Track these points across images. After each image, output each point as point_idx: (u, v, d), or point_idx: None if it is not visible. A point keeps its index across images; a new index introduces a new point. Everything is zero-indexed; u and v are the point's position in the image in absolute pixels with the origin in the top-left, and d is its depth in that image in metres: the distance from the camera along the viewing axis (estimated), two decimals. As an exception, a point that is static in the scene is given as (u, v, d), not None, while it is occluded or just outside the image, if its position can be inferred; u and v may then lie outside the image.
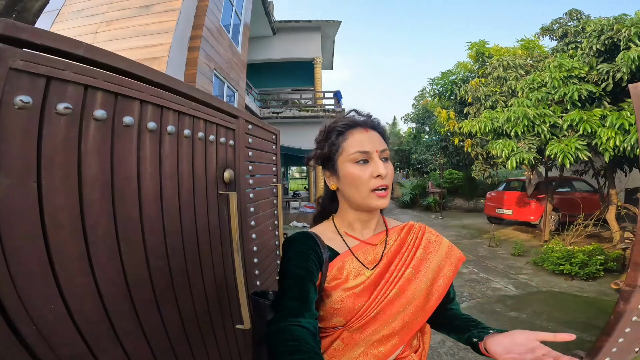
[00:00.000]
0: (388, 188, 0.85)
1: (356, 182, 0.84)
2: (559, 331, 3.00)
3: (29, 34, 0.64)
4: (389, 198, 0.86)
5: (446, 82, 9.26)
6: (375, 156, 0.84)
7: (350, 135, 0.87)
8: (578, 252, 5.17)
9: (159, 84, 1.01)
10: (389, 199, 0.86)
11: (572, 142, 5.10)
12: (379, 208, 0.86)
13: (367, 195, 0.84)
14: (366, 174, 0.83)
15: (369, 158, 0.84)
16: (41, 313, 0.70)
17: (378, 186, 0.83)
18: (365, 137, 0.86)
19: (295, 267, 0.82)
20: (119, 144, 0.87)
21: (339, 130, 0.88)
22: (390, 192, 0.87)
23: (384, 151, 0.87)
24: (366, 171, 0.83)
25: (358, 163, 0.84)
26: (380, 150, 0.86)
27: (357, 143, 0.85)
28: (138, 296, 0.96)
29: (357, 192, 0.85)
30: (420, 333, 0.97)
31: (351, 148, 0.85)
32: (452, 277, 0.92)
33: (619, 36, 4.93)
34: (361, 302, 0.83)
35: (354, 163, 0.85)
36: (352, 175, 0.85)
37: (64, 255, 0.75)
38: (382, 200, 0.84)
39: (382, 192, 0.84)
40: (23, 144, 0.65)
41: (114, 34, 5.58)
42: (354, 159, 0.85)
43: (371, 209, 0.88)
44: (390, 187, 0.87)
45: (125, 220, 0.90)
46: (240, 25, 9.02)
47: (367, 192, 0.84)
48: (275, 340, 0.71)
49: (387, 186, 0.84)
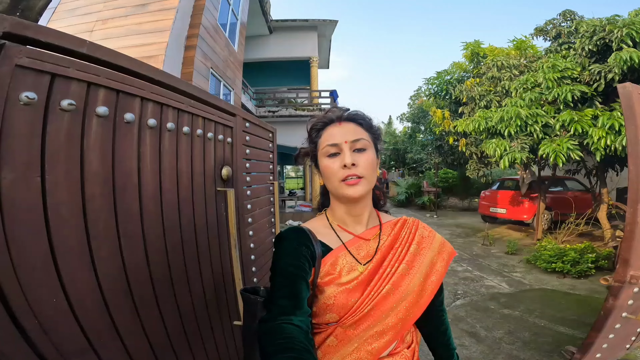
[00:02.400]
0: (362, 177, 0.85)
1: (328, 173, 0.87)
2: (552, 328, 3.05)
3: (34, 31, 0.65)
4: (362, 187, 0.85)
5: (441, 82, 9.32)
6: (345, 147, 0.85)
7: (325, 132, 0.90)
8: (570, 250, 5.25)
9: (160, 82, 1.03)
10: (362, 188, 0.85)
11: (564, 142, 5.17)
12: (350, 197, 0.85)
13: (338, 185, 0.85)
14: (336, 165, 0.85)
15: (339, 150, 0.86)
16: (43, 307, 0.71)
17: (346, 176, 0.84)
18: (337, 130, 0.88)
19: (287, 264, 0.82)
20: (120, 140, 0.88)
21: (317, 128, 0.92)
22: (367, 182, 0.86)
23: (356, 141, 0.86)
24: (336, 163, 0.85)
25: (330, 156, 0.87)
26: (351, 140, 0.86)
27: (329, 137, 0.88)
28: (138, 291, 0.97)
29: (330, 183, 0.87)
30: (413, 328, 0.98)
31: (324, 142, 0.88)
32: (444, 272, 0.93)
33: (611, 37, 5.00)
34: (354, 298, 0.83)
35: (327, 156, 0.87)
36: (325, 168, 0.88)
37: (66, 250, 0.76)
38: (351, 189, 0.84)
39: (351, 180, 0.84)
40: (28, 139, 0.66)
41: (109, 33, 5.55)
42: (326, 153, 0.87)
43: (345, 200, 0.89)
44: (370, 177, 0.87)
45: (126, 215, 0.92)
46: (237, 24, 9.00)
47: (337, 182, 0.85)
48: (266, 338, 0.71)
49: (355, 175, 0.84)
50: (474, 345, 3.09)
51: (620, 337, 2.17)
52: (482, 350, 2.98)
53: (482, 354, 2.94)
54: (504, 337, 3.18)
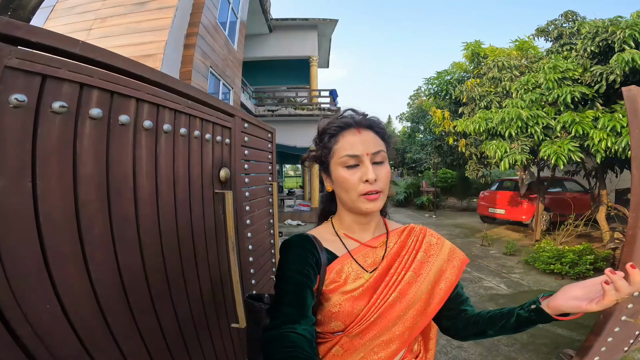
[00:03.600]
0: (381, 192, 0.82)
1: (346, 185, 0.82)
2: (550, 330, 3.02)
3: (25, 31, 0.63)
4: (381, 201, 0.83)
5: (441, 82, 9.31)
6: (366, 159, 0.81)
7: (342, 138, 0.84)
8: (568, 251, 5.24)
9: (156, 82, 1.00)
10: (381, 202, 0.83)
11: (565, 143, 5.16)
12: (369, 212, 0.83)
13: (357, 199, 0.82)
14: (355, 179, 0.81)
15: (359, 162, 0.82)
16: (37, 313, 0.70)
17: (367, 191, 0.80)
18: (357, 140, 0.83)
19: (292, 272, 0.81)
20: (115, 142, 0.86)
21: (331, 133, 0.86)
22: (384, 195, 0.84)
23: (377, 153, 0.83)
24: (355, 175, 0.81)
25: (348, 167, 0.82)
26: (373, 152, 0.82)
27: (348, 146, 0.83)
28: (134, 296, 0.95)
29: (347, 195, 0.83)
30: (421, 337, 0.96)
31: (342, 151, 0.83)
32: (455, 280, 0.90)
33: (614, 38, 4.98)
34: (360, 306, 0.82)
35: (344, 167, 0.83)
36: (342, 179, 0.83)
37: (60, 255, 0.74)
38: (371, 204, 0.81)
39: (372, 195, 0.81)
40: (18, 143, 0.64)
41: (107, 31, 5.52)
42: (343, 163, 0.82)
43: (362, 213, 0.86)
44: (386, 190, 0.84)
45: (121, 220, 0.90)
46: (236, 23, 8.96)
47: (356, 196, 0.82)
48: (271, 347, 0.70)
49: (376, 190, 0.81)
50: (472, 347, 3.08)
51: (618, 340, 2.16)
52: (480, 352, 2.98)
53: (480, 355, 2.93)
54: (502, 339, 3.17)
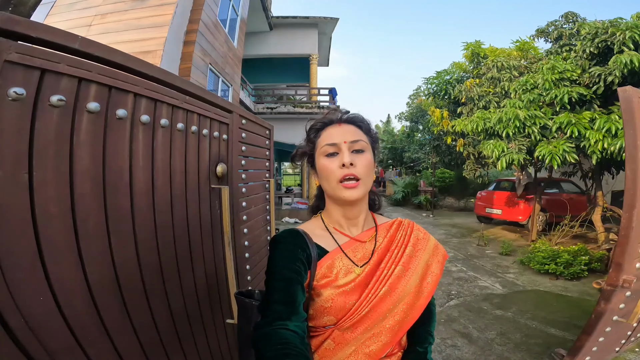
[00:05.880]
0: (360, 179, 0.84)
1: (325, 173, 0.86)
2: (543, 330, 3.07)
3: (25, 26, 0.64)
4: (360, 190, 0.84)
5: (441, 82, 9.31)
6: (344, 147, 0.85)
7: (324, 132, 0.90)
8: (563, 252, 5.27)
9: (154, 78, 1.01)
10: (360, 191, 0.84)
11: (561, 144, 5.18)
12: (348, 200, 0.85)
13: (336, 186, 0.84)
14: (334, 165, 0.84)
15: (337, 150, 0.85)
16: (30, 306, 0.70)
17: (344, 176, 0.83)
18: (336, 131, 0.88)
19: (282, 268, 0.81)
20: (112, 136, 0.87)
21: (316, 128, 0.92)
22: (364, 185, 0.86)
23: (355, 142, 0.86)
24: (334, 162, 0.85)
25: (328, 156, 0.86)
26: (351, 140, 0.86)
27: (328, 137, 0.88)
28: (128, 290, 0.96)
29: (328, 183, 0.86)
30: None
31: (322, 142, 0.88)
32: (439, 274, 0.93)
33: (613, 39, 4.97)
34: (352, 300, 0.82)
35: (325, 156, 0.87)
36: (322, 167, 0.87)
37: (54, 248, 0.75)
38: (349, 192, 0.83)
39: (350, 182, 0.83)
40: (15, 136, 0.65)
41: (107, 27, 5.51)
42: (324, 152, 0.87)
43: (343, 203, 0.88)
44: (367, 179, 0.86)
45: (117, 214, 0.91)
46: (237, 20, 8.94)
47: (335, 182, 0.84)
48: (262, 344, 0.70)
49: (354, 176, 0.83)
50: (466, 346, 3.11)
51: (610, 340, 2.18)
52: (473, 351, 3.00)
53: (473, 354, 2.95)
54: (496, 338, 3.20)
